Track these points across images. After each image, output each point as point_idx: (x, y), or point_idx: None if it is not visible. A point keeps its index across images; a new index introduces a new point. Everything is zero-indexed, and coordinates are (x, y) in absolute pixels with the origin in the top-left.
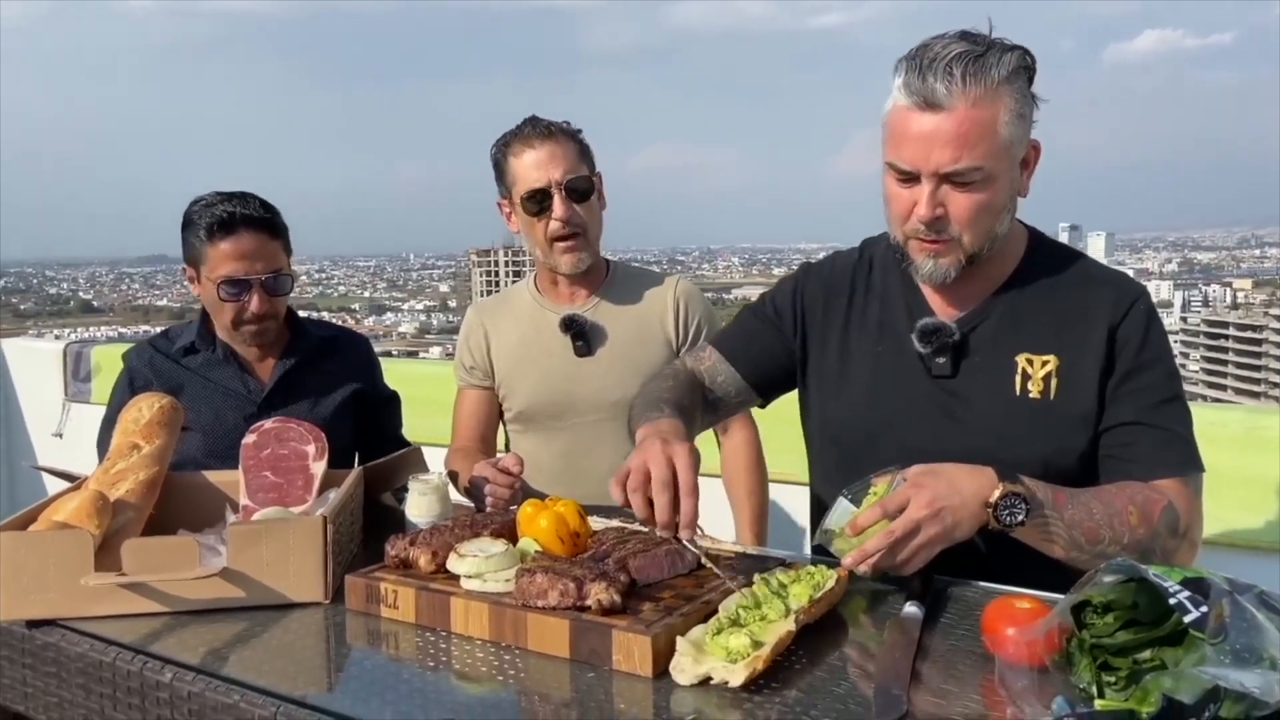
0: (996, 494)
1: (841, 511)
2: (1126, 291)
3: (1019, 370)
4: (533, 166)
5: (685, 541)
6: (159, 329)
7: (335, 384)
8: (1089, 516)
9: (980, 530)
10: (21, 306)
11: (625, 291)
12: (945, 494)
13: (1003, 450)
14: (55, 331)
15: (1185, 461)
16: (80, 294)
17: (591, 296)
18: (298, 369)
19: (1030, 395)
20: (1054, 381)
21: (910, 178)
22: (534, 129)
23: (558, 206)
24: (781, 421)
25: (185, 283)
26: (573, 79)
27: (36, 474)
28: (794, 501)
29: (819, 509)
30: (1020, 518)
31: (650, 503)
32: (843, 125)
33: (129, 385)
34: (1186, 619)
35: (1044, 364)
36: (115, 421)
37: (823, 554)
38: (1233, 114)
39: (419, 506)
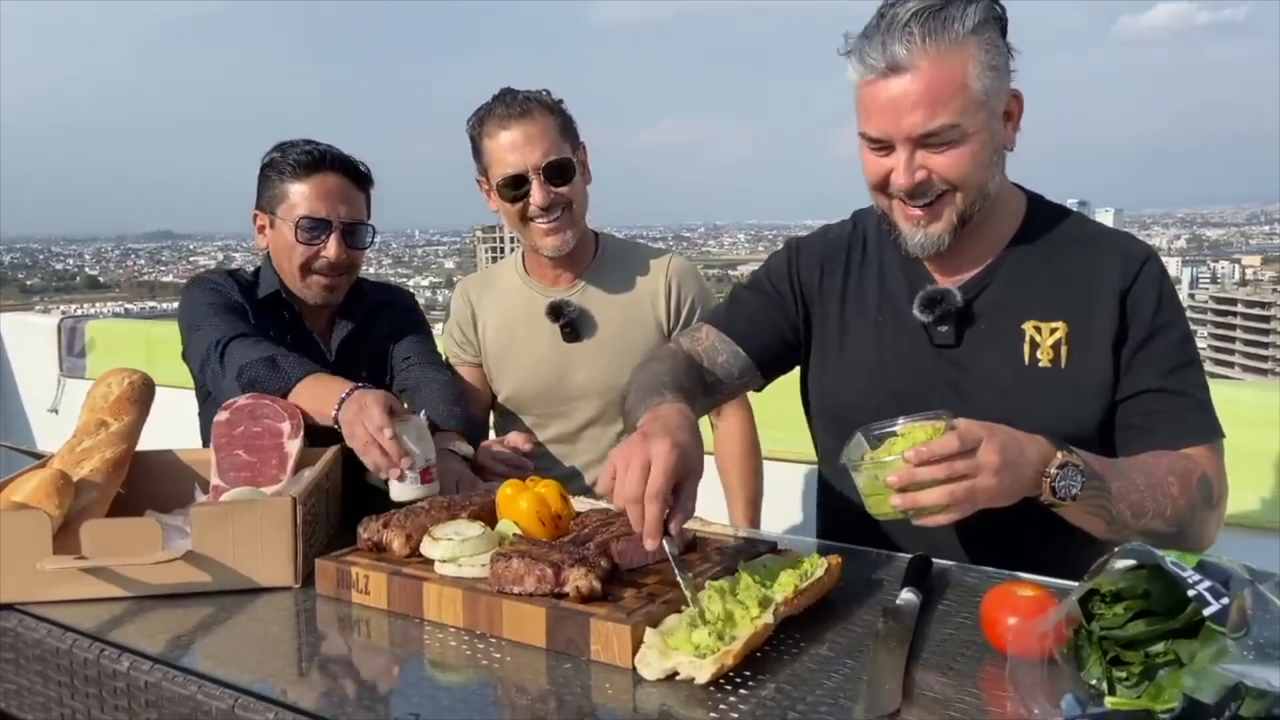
0: (1055, 463)
1: (856, 445)
2: (1134, 252)
3: (1027, 338)
4: (509, 149)
5: (666, 547)
6: (165, 305)
7: (388, 348)
8: (1134, 489)
9: (1024, 501)
10: (28, 282)
11: (615, 271)
12: (1014, 452)
13: (1016, 422)
14: (61, 307)
15: (1210, 428)
16: (86, 270)
17: (580, 277)
18: (354, 337)
19: (1040, 364)
20: (1064, 349)
21: (884, 145)
22: (508, 106)
23: (536, 192)
24: (775, 397)
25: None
26: (579, 53)
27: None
28: (789, 479)
29: (827, 492)
30: (1075, 490)
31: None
32: (849, 100)
33: (225, 307)
34: (1206, 612)
35: (1053, 331)
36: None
37: (830, 538)
38: (1244, 89)
39: None
